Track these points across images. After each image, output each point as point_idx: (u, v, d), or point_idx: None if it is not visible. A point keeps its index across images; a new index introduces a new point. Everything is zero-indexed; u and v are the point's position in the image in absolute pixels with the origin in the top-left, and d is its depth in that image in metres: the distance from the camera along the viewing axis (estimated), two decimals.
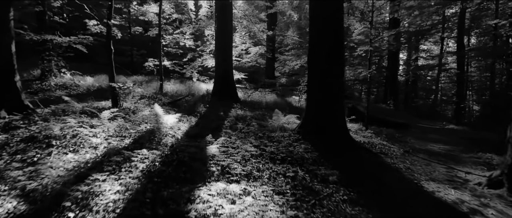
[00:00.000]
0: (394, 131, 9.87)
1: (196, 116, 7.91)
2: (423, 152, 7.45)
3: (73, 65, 13.05)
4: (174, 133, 5.76)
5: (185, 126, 6.53)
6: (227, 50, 11.34)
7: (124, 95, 9.15)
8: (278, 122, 7.58)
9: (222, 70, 11.20)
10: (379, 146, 7.10)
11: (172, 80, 14.11)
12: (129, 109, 7.57)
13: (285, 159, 5.02)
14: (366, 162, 5.62)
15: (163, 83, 12.49)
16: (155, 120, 5.94)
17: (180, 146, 4.95)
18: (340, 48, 6.49)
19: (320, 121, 6.44)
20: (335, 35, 6.38)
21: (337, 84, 6.44)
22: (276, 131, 6.75)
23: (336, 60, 6.39)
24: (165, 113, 7.31)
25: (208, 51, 15.29)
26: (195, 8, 17.39)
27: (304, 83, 12.73)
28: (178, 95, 10.85)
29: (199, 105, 9.42)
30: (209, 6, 16.19)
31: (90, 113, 6.30)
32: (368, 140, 7.60)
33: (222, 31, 11.18)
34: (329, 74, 6.35)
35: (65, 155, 4.11)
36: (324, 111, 6.43)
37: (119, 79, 12.23)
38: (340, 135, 6.43)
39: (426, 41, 24.03)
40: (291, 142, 5.91)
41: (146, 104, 8.73)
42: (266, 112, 9.80)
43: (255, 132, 6.58)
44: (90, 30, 8.37)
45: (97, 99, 8.46)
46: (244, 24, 15.91)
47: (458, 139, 10.04)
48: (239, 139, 5.95)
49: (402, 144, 8.10)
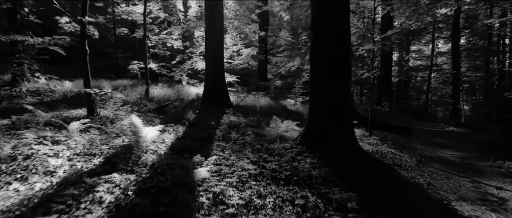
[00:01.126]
0: (397, 136, 9.07)
1: (184, 124, 6.91)
2: (437, 161, 6.63)
3: (54, 68, 11.87)
4: (156, 147, 4.76)
5: (170, 138, 5.53)
6: (218, 52, 10.38)
7: (104, 102, 8.07)
8: (276, 130, 6.64)
9: (213, 73, 10.22)
10: (390, 156, 6.23)
11: (159, 84, 13.03)
12: (107, 117, 6.52)
13: (290, 178, 4.09)
14: (383, 179, 4.73)
15: (150, 88, 11.42)
16: (134, 132, 4.92)
17: (162, 166, 3.96)
18: (346, 47, 5.62)
19: (325, 129, 5.55)
20: (341, 33, 5.51)
21: (344, 87, 5.56)
22: (276, 141, 5.82)
23: (343, 61, 5.52)
24: (147, 123, 6.32)
25: (198, 53, 14.27)
26: (184, 9, 16.38)
27: (300, 86, 11.88)
28: (165, 101, 9.81)
29: (188, 111, 8.42)
30: (198, 6, 15.21)
31: (57, 124, 5.24)
32: (375, 148, 6.74)
33: (212, 32, 10.22)
34: (336, 76, 5.46)
35: (8, 185, 3.08)
36: (329, 117, 5.54)
37: (101, 84, 11.15)
38: (348, 145, 5.55)
39: (417, 42, 23.46)
40: (294, 156, 4.98)
41: (128, 112, 7.68)
42: (261, 117, 8.87)
43: (252, 143, 5.63)
44: (63, 29, 7.30)
45: (72, 107, 7.37)
46: (235, 24, 14.94)
47: (465, 143, 9.32)
48: (234, 153, 4.99)
49: (411, 152, 7.28)
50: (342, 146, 5.43)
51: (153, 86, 12.18)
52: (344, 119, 5.58)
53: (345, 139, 5.55)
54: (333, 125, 5.51)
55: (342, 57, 5.49)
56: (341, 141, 5.47)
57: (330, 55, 5.47)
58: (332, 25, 5.48)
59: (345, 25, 5.61)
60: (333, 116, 5.52)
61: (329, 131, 5.50)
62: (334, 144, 5.39)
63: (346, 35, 5.60)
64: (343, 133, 5.55)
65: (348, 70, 5.70)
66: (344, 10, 5.58)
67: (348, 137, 5.62)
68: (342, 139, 5.51)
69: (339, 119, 5.53)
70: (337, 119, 5.52)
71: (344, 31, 5.56)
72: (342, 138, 5.51)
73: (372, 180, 4.55)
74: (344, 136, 5.56)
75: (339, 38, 5.48)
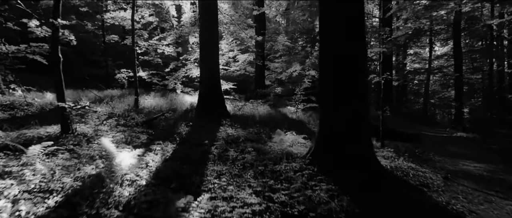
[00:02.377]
0: (408, 144, 8.17)
1: (174, 140, 5.90)
2: (463, 176, 5.68)
3: (37, 79, 10.83)
4: (136, 175, 3.75)
5: (156, 160, 4.52)
6: (213, 59, 9.44)
7: (82, 116, 7.04)
8: (280, 145, 5.67)
9: (208, 81, 9.25)
10: (412, 173, 5.27)
11: (152, 93, 12.01)
12: (85, 135, 5.50)
13: (305, 215, 3.12)
14: (416, 208, 3.76)
15: (140, 98, 10.41)
16: (110, 155, 3.92)
17: (140, 205, 2.97)
18: (363, 47, 4.69)
19: (340, 145, 4.58)
20: (356, 29, 4.58)
21: (361, 94, 4.62)
22: (281, 160, 4.83)
23: (359, 63, 4.59)
24: (130, 142, 5.31)
25: (193, 60, 13.30)
26: (178, 14, 15.44)
27: (301, 92, 10.93)
28: (156, 112, 8.79)
29: (180, 124, 7.42)
30: (193, 11, 14.26)
31: (16, 148, 4.20)
32: (392, 162, 5.78)
33: (207, 38, 9.29)
34: (351, 81, 4.52)
35: None
36: (344, 131, 4.58)
37: (88, 95, 10.12)
38: (367, 163, 4.59)
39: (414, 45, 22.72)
40: (305, 181, 3.99)
41: (113, 127, 6.67)
42: (261, 128, 7.89)
43: (253, 164, 4.64)
44: (35, 34, 6.30)
45: (47, 122, 6.33)
46: (231, 29, 14.02)
47: (481, 152, 8.43)
48: (233, 179, 4.00)
49: (431, 165, 6.33)
50: (361, 165, 4.47)
51: (144, 96, 11.16)
52: (362, 132, 4.63)
53: (364, 156, 4.59)
54: (349, 140, 4.55)
55: (357, 59, 4.56)
56: (359, 158, 4.51)
57: (343, 57, 4.53)
58: (344, 21, 4.55)
59: (359, 21, 4.68)
60: (348, 129, 4.57)
61: (344, 148, 4.53)
62: (351, 163, 4.43)
63: (361, 32, 4.67)
64: (361, 149, 4.59)
65: (365, 74, 4.77)
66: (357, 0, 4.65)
67: (367, 153, 4.66)
68: (361, 156, 4.55)
69: (356, 133, 4.58)
70: (354, 132, 4.57)
71: (359, 27, 4.64)
72: (360, 155, 4.55)
73: (405, 210, 3.58)
74: (362, 152, 4.60)
75: (352, 37, 4.55)
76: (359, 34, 4.61)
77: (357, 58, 4.53)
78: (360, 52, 4.59)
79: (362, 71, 4.65)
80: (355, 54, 4.52)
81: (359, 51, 4.55)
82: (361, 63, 4.61)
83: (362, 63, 4.65)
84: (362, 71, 4.65)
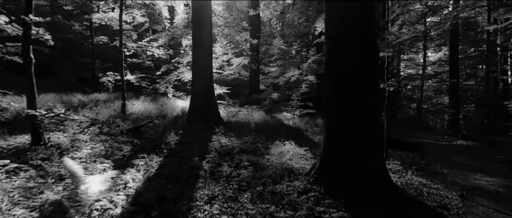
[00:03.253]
0: (413, 155, 7.64)
1: (161, 152, 5.21)
2: (479, 193, 5.11)
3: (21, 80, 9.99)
4: (109, 201, 3.06)
5: (137, 179, 3.84)
6: (206, 62, 8.79)
7: (65, 123, 6.29)
8: (279, 158, 5.04)
9: (201, 86, 8.59)
10: (425, 190, 4.67)
11: (142, 98, 11.27)
12: (59, 147, 4.78)
13: None
14: None
15: (129, 102, 9.70)
16: (76, 179, 3.23)
17: None
18: (375, 50, 4.10)
19: (349, 161, 3.95)
20: (368, 23, 3.99)
21: (375, 101, 4.03)
22: (282, 178, 4.18)
23: (373, 64, 3.99)
24: (110, 155, 4.61)
25: (185, 63, 12.60)
26: (171, 16, 14.74)
27: (297, 98, 10.32)
28: (145, 118, 8.08)
29: (169, 132, 6.73)
30: (186, 13, 13.57)
31: None
32: (401, 178, 5.19)
33: (200, 40, 8.65)
34: (364, 85, 3.91)
35: None
36: (354, 145, 3.96)
37: (72, 99, 9.34)
38: (380, 183, 3.98)
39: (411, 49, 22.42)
40: (312, 206, 3.35)
41: (94, 135, 5.96)
42: (257, 136, 7.26)
43: (250, 182, 3.99)
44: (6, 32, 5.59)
45: (18, 131, 5.57)
46: (225, 32, 13.38)
47: (488, 162, 7.93)
48: (227, 203, 3.33)
49: (440, 179, 5.76)
50: (374, 185, 3.85)
51: (133, 101, 10.43)
52: (375, 145, 4.03)
53: (377, 175, 3.98)
54: (360, 156, 3.92)
55: (371, 58, 3.96)
56: (371, 177, 3.90)
57: (355, 57, 3.92)
58: (359, 9, 3.92)
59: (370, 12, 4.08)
60: (360, 143, 3.94)
61: (354, 165, 3.91)
62: (363, 183, 3.81)
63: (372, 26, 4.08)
64: (374, 166, 3.98)
65: (378, 77, 4.19)
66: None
67: (381, 172, 4.05)
68: (373, 175, 3.93)
69: (369, 147, 3.97)
70: (367, 146, 3.95)
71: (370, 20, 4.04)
72: (373, 173, 3.94)
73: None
74: (375, 170, 3.99)
75: (366, 31, 3.95)
76: (374, 40, 4.03)
77: (370, 57, 3.94)
78: (374, 58, 4.01)
79: (376, 72, 4.06)
80: (369, 54, 3.92)
81: (373, 57, 3.97)
82: (374, 62, 4.01)
83: (375, 63, 4.05)
84: (376, 72, 4.06)
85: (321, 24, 8.91)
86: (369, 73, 3.91)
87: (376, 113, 4.05)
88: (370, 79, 3.91)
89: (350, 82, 3.89)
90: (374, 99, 4.00)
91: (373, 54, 4.02)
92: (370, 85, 3.91)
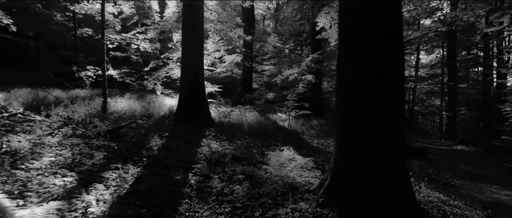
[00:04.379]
0: (419, 163, 6.99)
1: (140, 160, 4.37)
2: (504, 211, 4.47)
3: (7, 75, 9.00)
4: None
5: (103, 200, 3.00)
6: (197, 58, 7.94)
7: (32, 124, 5.36)
8: (279, 170, 4.28)
9: (191, 83, 7.75)
10: (448, 211, 3.97)
11: (127, 95, 10.32)
12: (14, 154, 3.88)
13: None
14: None
15: (112, 100, 8.78)
16: None
17: None
18: (401, 48, 3.36)
19: (366, 179, 3.21)
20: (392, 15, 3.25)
21: (398, 106, 3.30)
22: (284, 197, 3.40)
23: (397, 61, 3.26)
24: (77, 164, 3.74)
25: (175, 59, 11.69)
26: (161, 9, 13.79)
27: (293, 98, 9.57)
28: (128, 118, 7.20)
29: (153, 135, 5.87)
30: (177, 6, 12.63)
31: None
32: (417, 192, 4.48)
33: (191, 35, 7.82)
34: (385, 87, 3.17)
35: None
36: (372, 158, 3.21)
37: (47, 96, 8.33)
38: (402, 203, 3.24)
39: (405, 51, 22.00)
40: None
41: (65, 138, 5.06)
42: (251, 140, 6.50)
43: (245, 204, 3.19)
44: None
45: None
46: (218, 28, 12.49)
47: (497, 170, 7.43)
48: None
49: (456, 193, 5.11)
50: (395, 206, 3.12)
51: (117, 98, 9.49)
52: (397, 159, 3.29)
53: (399, 193, 3.24)
54: (380, 172, 3.19)
55: (394, 55, 3.22)
56: (392, 197, 3.16)
57: (375, 53, 3.17)
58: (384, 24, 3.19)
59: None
60: (379, 156, 3.20)
61: (373, 183, 3.17)
62: (381, 204, 3.08)
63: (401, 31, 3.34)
64: (396, 184, 3.24)
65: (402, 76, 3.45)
66: None
67: (404, 189, 3.31)
68: (395, 194, 3.19)
69: (390, 161, 3.23)
70: (387, 161, 3.21)
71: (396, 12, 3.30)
72: (394, 192, 3.20)
73: None
74: (397, 188, 3.25)
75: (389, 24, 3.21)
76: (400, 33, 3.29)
77: (394, 54, 3.20)
78: (400, 54, 3.27)
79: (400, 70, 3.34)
80: (392, 50, 3.19)
81: (397, 47, 3.23)
82: (399, 59, 3.27)
83: (400, 60, 3.31)
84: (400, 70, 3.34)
85: (324, 19, 8.16)
86: (394, 74, 3.17)
87: (398, 112, 3.31)
88: (390, 71, 3.17)
89: (367, 79, 3.15)
90: (401, 106, 3.27)
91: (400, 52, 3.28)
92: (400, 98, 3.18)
